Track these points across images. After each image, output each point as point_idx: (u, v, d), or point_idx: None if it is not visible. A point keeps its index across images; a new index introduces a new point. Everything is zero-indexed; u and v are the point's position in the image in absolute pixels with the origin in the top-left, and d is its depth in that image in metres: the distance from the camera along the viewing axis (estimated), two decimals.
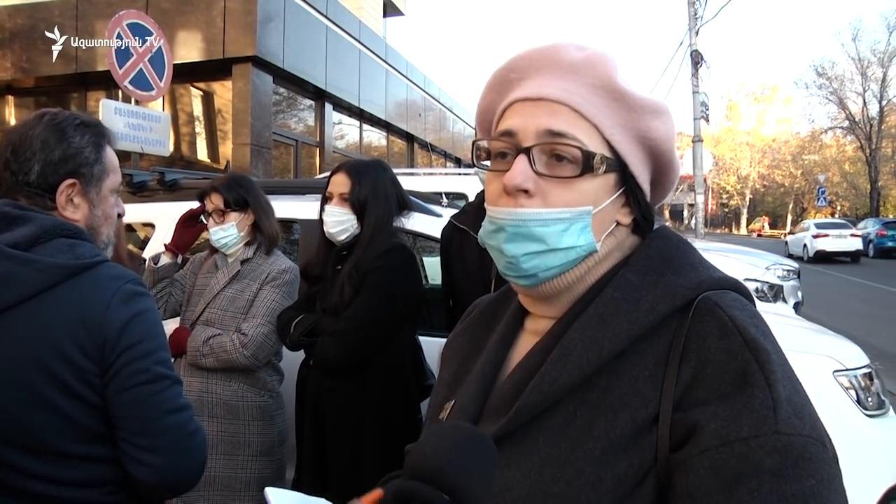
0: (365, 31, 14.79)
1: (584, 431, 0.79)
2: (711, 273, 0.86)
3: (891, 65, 42.43)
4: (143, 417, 1.34)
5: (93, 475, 1.35)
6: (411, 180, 6.69)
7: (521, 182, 0.84)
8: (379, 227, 2.52)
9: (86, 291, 1.34)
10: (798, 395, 0.73)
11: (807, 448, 0.68)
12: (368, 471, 2.37)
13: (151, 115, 7.36)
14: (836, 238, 26.35)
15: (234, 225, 2.79)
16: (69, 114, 1.52)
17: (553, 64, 0.89)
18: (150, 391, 1.35)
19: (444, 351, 1.14)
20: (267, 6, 10.45)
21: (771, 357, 0.74)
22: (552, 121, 0.85)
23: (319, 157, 13.40)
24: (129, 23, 7.15)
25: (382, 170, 2.64)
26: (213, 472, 2.61)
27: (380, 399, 2.45)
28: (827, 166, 53.86)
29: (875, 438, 3.12)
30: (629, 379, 0.80)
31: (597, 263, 0.90)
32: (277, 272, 2.78)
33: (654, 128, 0.89)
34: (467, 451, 0.68)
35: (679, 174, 0.97)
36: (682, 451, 0.72)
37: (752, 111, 66.12)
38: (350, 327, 2.39)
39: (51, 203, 1.45)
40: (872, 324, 11.32)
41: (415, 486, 0.65)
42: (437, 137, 20.48)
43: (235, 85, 10.55)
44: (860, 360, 3.44)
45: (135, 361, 1.33)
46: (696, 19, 16.27)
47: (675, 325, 0.81)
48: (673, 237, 0.93)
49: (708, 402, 0.73)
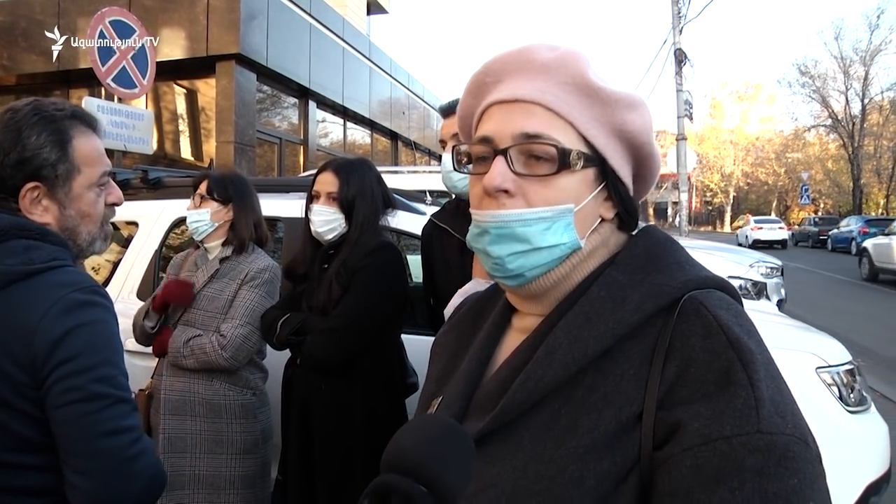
0: (349, 29, 14.76)
1: (569, 429, 0.79)
2: (698, 272, 0.86)
3: (872, 63, 42.90)
4: (74, 438, 1.24)
5: (32, 484, 1.28)
6: (395, 178, 6.68)
7: (500, 183, 0.85)
8: (366, 225, 2.52)
9: (24, 299, 1.25)
10: (781, 394, 0.73)
11: (789, 447, 0.68)
12: (357, 470, 2.37)
13: (134, 113, 7.31)
14: (768, 230, 35.04)
15: (208, 212, 2.80)
16: (30, 108, 1.40)
17: (526, 65, 0.90)
18: (83, 411, 1.24)
19: (433, 348, 1.14)
20: (250, 4, 10.41)
21: (755, 356, 0.74)
22: (526, 122, 0.86)
23: (303, 155, 13.38)
24: (111, 20, 7.11)
25: (368, 168, 2.64)
26: (198, 471, 2.64)
27: (368, 398, 2.45)
28: (810, 164, 54.32)
29: (856, 434, 3.15)
30: (614, 377, 0.80)
31: (582, 261, 0.91)
32: (256, 271, 2.78)
33: (630, 121, 0.90)
34: (444, 443, 0.68)
35: (660, 165, 0.97)
36: (665, 450, 0.72)
37: (736, 109, 66.66)
38: (340, 325, 2.38)
39: (15, 206, 1.37)
40: (855, 321, 11.42)
41: (392, 479, 0.65)
42: (422, 135, 20.48)
43: (219, 83, 10.50)
44: (842, 357, 3.47)
45: (68, 378, 1.23)
46: (680, 18, 16.32)
47: (660, 324, 0.81)
48: (660, 235, 0.94)
49: (691, 400, 0.73)
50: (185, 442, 2.66)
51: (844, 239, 28.85)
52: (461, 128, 1.04)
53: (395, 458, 0.68)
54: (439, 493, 0.65)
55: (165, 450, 2.61)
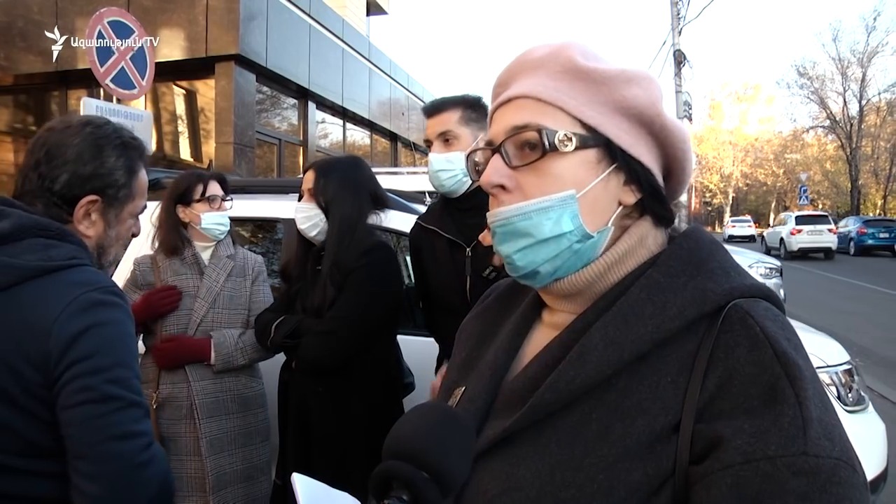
0: (348, 30, 14.74)
1: (600, 435, 0.76)
2: (743, 279, 0.82)
3: (870, 65, 42.82)
4: (84, 440, 1.21)
5: (37, 491, 1.26)
6: (395, 179, 6.69)
7: (492, 178, 0.86)
8: (347, 223, 2.47)
9: (41, 296, 1.25)
10: (829, 414, 0.70)
11: (836, 472, 0.65)
12: (355, 473, 2.34)
13: (133, 114, 7.29)
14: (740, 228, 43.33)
15: (227, 215, 2.84)
16: (113, 129, 1.49)
17: (524, 66, 0.91)
18: (94, 412, 1.21)
19: (459, 334, 1.12)
20: (250, 4, 10.40)
21: (803, 373, 0.71)
22: (515, 116, 0.87)
23: (303, 156, 13.35)
24: (110, 20, 7.09)
25: (353, 166, 2.61)
26: (236, 466, 2.70)
27: (365, 399, 2.43)
28: (809, 165, 54.36)
29: (855, 434, 3.11)
30: (650, 384, 0.77)
31: (619, 259, 0.87)
32: (257, 265, 2.89)
33: (632, 95, 0.86)
34: (446, 430, 0.69)
35: (685, 138, 0.90)
36: (704, 465, 0.69)
37: (735, 110, 66.83)
38: (335, 327, 2.36)
39: (68, 217, 1.41)
40: (853, 321, 11.43)
41: (395, 465, 0.65)
42: (421, 136, 20.42)
43: (218, 83, 10.48)
44: (841, 357, 3.48)
45: (81, 377, 1.21)
46: (679, 19, 16.34)
47: (702, 331, 0.78)
48: (705, 238, 0.89)
49: (733, 415, 0.70)
50: (223, 441, 2.66)
51: (843, 239, 28.85)
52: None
53: (396, 446, 0.68)
54: (441, 479, 0.65)
55: (208, 453, 2.60)
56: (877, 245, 27.85)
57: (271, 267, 3.75)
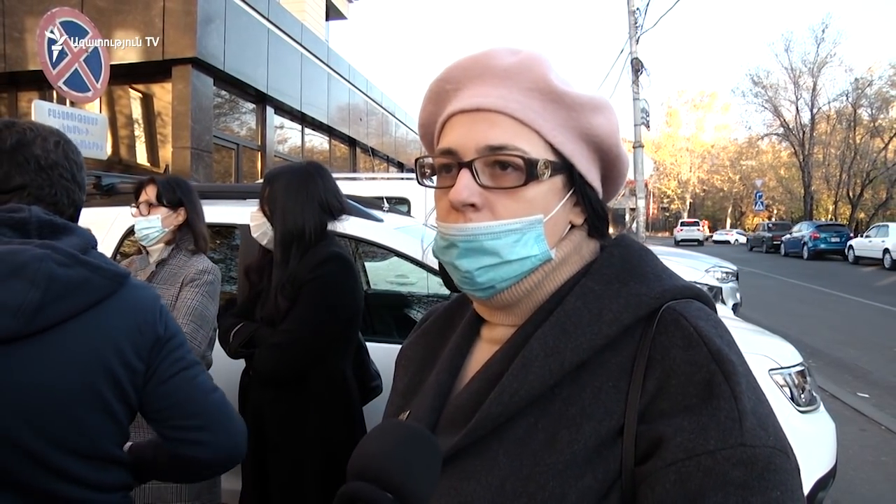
0: (307, 35, 14.64)
1: (547, 444, 0.77)
2: (674, 282, 0.85)
3: (820, 74, 44.18)
4: (190, 400, 1.42)
5: (118, 479, 1.38)
6: (353, 185, 6.66)
7: (466, 197, 0.82)
8: (290, 233, 2.43)
9: (137, 297, 1.39)
10: (762, 405, 0.73)
11: (772, 459, 0.68)
12: (309, 483, 2.33)
13: (88, 118, 7.13)
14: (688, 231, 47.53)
15: (158, 218, 2.78)
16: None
17: (487, 71, 0.87)
18: (190, 376, 1.43)
19: (399, 360, 1.11)
20: (207, 7, 10.26)
21: (736, 368, 0.73)
22: (490, 133, 0.83)
23: (261, 161, 13.20)
24: (62, 20, 6.91)
25: (301, 175, 2.52)
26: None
27: (320, 411, 2.40)
28: (763, 171, 55.73)
29: (807, 433, 3.22)
30: (592, 390, 0.78)
31: (554, 269, 0.88)
32: (196, 272, 2.71)
33: (597, 124, 0.87)
34: (411, 448, 0.67)
35: (627, 166, 0.95)
36: (648, 465, 0.71)
37: (692, 118, 68.13)
38: (285, 340, 2.33)
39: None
40: (806, 323, 11.71)
41: (358, 486, 0.64)
42: (380, 142, 20.41)
43: (175, 87, 10.31)
44: (794, 359, 3.56)
45: (175, 351, 1.42)
46: (637, 28, 16.54)
47: (639, 335, 0.80)
48: (634, 244, 0.91)
49: (673, 413, 0.72)
50: None
51: (796, 244, 29.65)
52: (423, 136, 1.00)
53: (360, 466, 0.66)
54: (405, 499, 0.64)
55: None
56: (829, 249, 28.70)
57: (228, 273, 3.70)
